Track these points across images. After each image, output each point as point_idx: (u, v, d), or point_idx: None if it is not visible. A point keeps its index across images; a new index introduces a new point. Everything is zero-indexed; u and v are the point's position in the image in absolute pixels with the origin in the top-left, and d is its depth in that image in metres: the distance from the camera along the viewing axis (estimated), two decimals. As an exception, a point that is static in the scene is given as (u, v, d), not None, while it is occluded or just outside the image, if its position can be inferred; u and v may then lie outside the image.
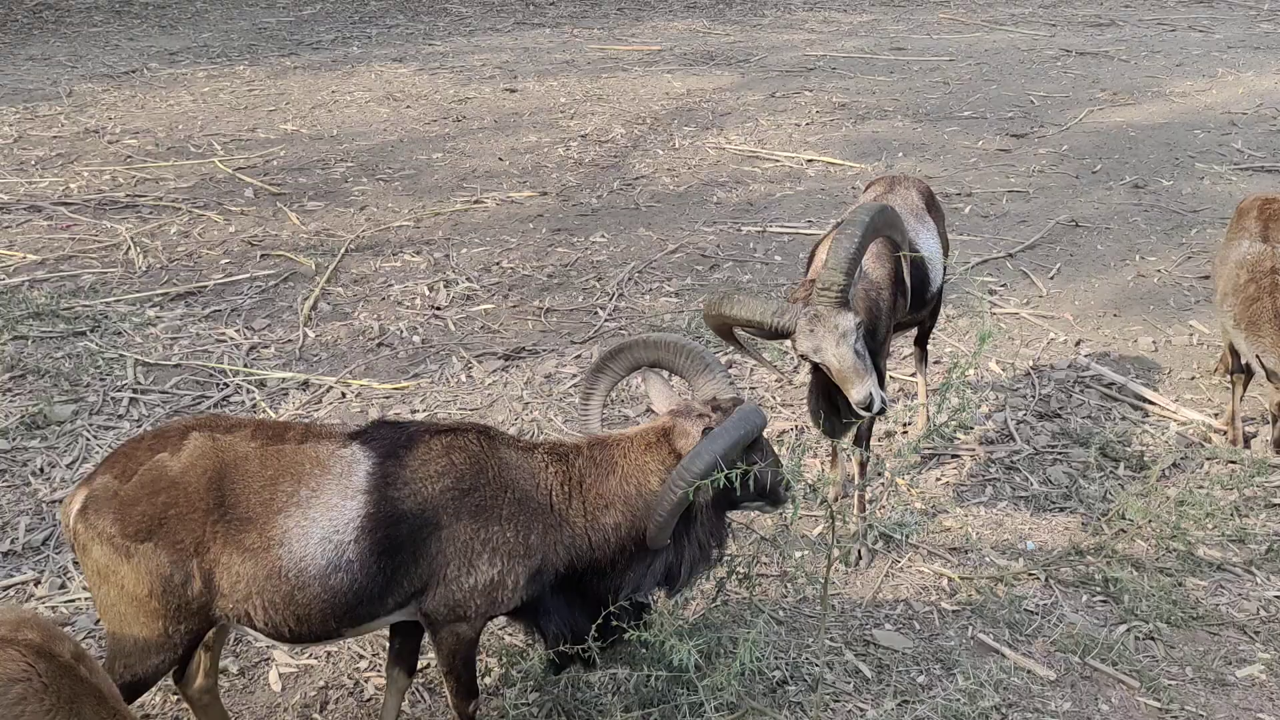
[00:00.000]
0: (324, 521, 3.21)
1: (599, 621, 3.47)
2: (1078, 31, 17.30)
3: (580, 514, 3.50)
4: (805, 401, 5.09)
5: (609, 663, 3.91)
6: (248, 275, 7.83)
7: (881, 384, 4.95)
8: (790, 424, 5.95)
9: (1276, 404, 5.51)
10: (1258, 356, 5.46)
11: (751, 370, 6.52)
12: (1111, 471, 5.56)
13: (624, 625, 3.54)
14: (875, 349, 4.67)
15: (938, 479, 5.57)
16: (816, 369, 4.42)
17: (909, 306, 5.01)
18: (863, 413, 4.18)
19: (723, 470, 3.31)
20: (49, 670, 2.60)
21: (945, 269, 5.54)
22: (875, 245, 4.72)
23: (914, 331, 5.82)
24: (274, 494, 3.21)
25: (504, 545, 3.36)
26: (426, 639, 3.64)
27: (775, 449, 3.83)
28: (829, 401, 4.54)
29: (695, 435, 3.48)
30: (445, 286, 7.73)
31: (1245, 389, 5.80)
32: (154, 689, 3.71)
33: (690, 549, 3.60)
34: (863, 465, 4.94)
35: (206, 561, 3.18)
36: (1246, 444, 5.77)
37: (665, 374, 3.95)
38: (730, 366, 6.58)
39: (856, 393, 4.14)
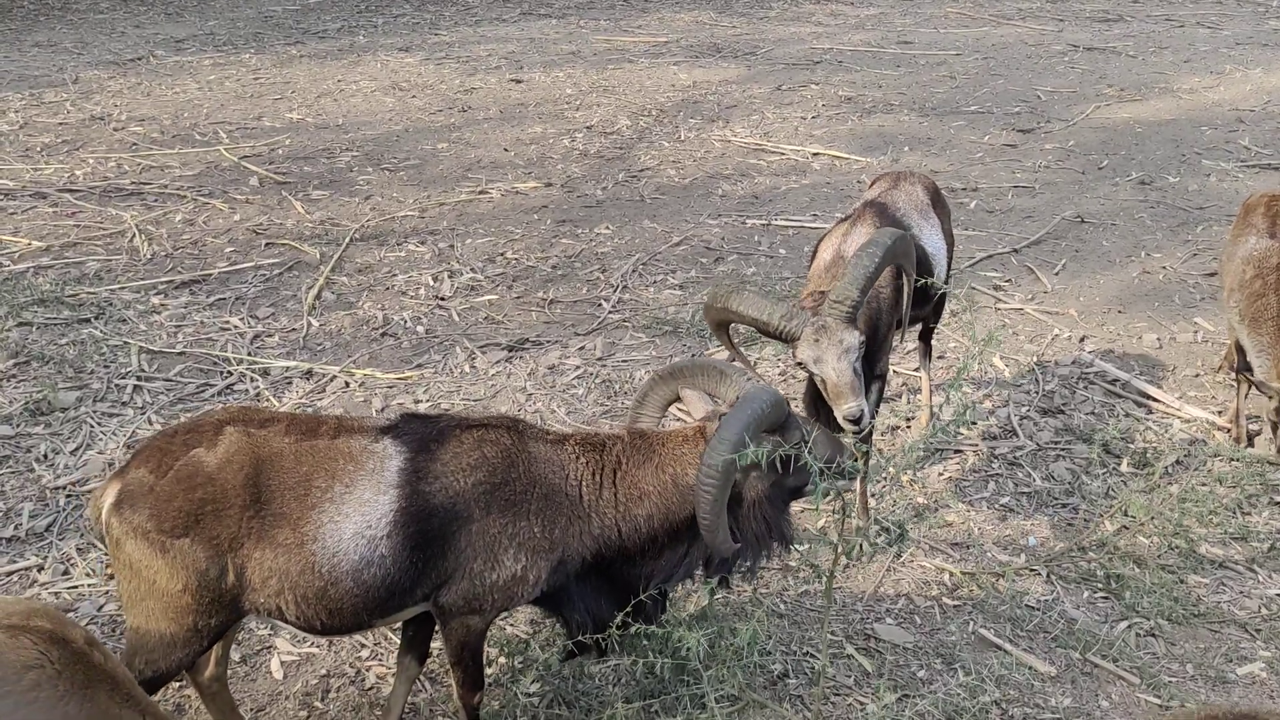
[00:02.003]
0: (357, 517, 3.21)
1: (627, 610, 3.46)
2: (1085, 27, 17.25)
3: (611, 504, 3.48)
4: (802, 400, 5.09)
5: (614, 651, 3.92)
6: (252, 264, 7.84)
7: (884, 381, 4.96)
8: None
9: (1274, 409, 5.49)
10: (1241, 344, 5.46)
11: (755, 364, 6.52)
12: (1114, 468, 5.56)
13: (648, 615, 3.53)
14: (876, 348, 4.68)
15: (940, 474, 5.57)
16: (811, 377, 4.42)
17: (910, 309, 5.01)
18: (848, 426, 4.17)
19: (746, 454, 3.25)
20: (62, 657, 2.60)
21: (949, 265, 5.53)
22: None
23: (918, 326, 5.81)
24: (308, 489, 3.21)
25: (529, 540, 3.36)
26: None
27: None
28: (816, 410, 4.55)
29: None
30: (449, 277, 7.73)
31: (1250, 387, 5.79)
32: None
33: (742, 544, 3.53)
34: (865, 459, 4.93)
35: (240, 557, 3.18)
36: (1250, 442, 5.77)
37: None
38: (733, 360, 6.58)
39: (846, 407, 4.13)
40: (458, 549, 3.31)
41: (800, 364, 4.21)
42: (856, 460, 3.59)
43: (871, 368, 4.81)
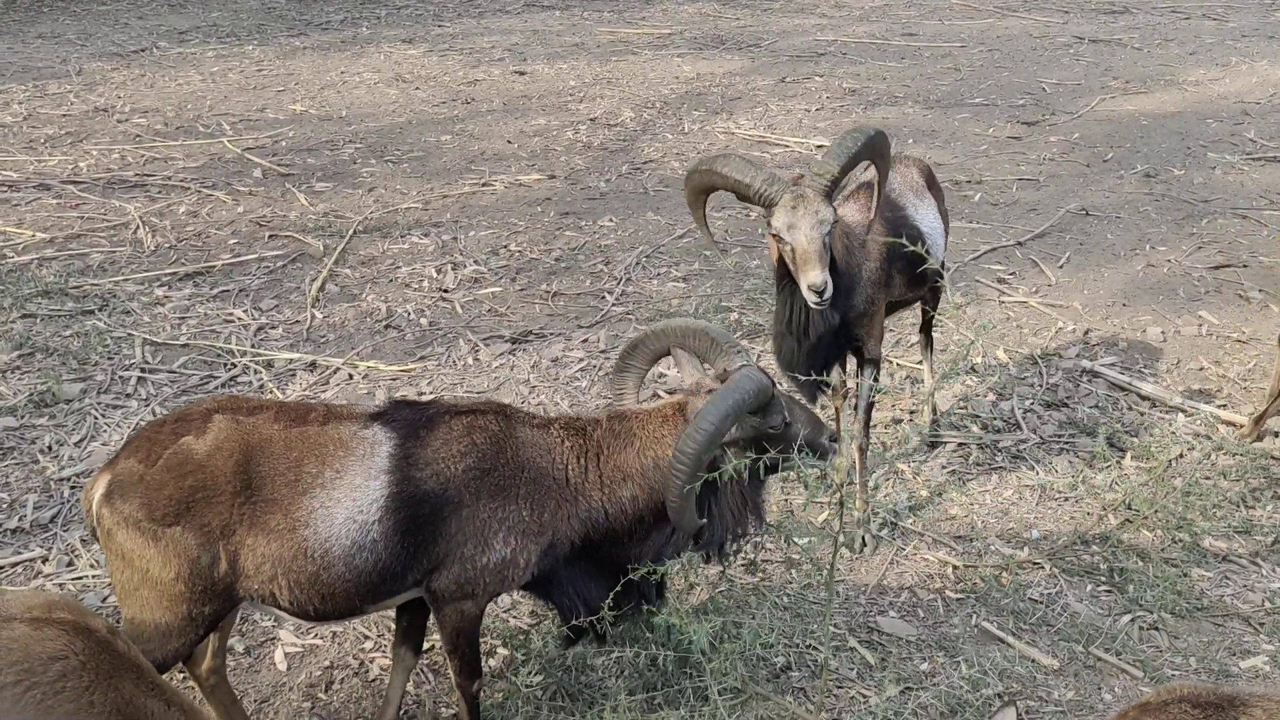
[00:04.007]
0: (348, 502, 3.23)
1: (617, 589, 3.47)
2: (1091, 19, 17.18)
3: (597, 487, 3.51)
4: (770, 335, 5.10)
5: (616, 643, 3.92)
6: (256, 256, 7.84)
7: (878, 367, 4.96)
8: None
9: None
10: None
11: (758, 357, 6.52)
12: (1118, 461, 5.55)
13: (642, 596, 3.55)
14: (861, 327, 4.73)
15: (943, 467, 5.56)
16: (781, 267, 4.47)
17: (907, 282, 5.00)
18: (812, 297, 4.24)
19: (723, 439, 3.28)
20: (86, 647, 2.62)
21: (945, 245, 5.51)
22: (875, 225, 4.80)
23: (918, 316, 5.79)
24: (299, 475, 3.23)
25: (519, 524, 3.38)
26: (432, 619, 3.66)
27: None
28: (781, 286, 4.59)
29: None
30: (453, 269, 7.73)
31: None
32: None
33: (720, 521, 3.58)
34: (862, 451, 4.94)
35: (233, 544, 3.19)
36: (1258, 439, 5.75)
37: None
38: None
39: (812, 275, 4.22)
40: (448, 534, 3.33)
41: (775, 233, 4.30)
42: (837, 440, 3.62)
43: (860, 350, 4.83)
